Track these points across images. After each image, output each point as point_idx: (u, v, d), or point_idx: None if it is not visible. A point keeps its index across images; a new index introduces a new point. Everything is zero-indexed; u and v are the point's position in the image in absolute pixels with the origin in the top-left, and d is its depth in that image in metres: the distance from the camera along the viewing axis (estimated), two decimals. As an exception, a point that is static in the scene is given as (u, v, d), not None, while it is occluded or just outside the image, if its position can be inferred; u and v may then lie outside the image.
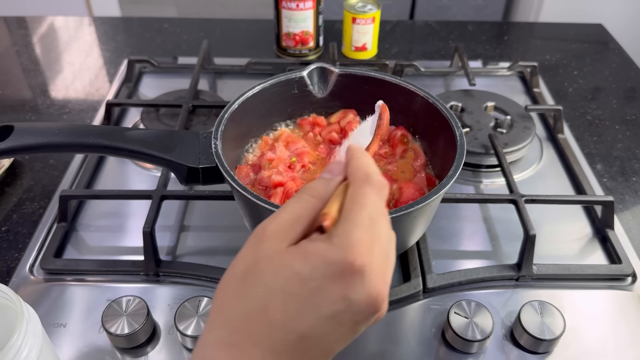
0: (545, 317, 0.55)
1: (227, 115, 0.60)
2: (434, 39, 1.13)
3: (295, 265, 0.31)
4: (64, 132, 0.56)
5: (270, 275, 0.31)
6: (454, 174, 0.53)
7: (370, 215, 0.32)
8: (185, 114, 0.82)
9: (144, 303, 0.55)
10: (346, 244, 0.30)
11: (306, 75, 0.66)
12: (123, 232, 0.69)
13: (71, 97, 0.95)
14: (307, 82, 0.67)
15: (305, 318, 0.30)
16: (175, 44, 1.09)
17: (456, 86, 0.96)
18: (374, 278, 0.31)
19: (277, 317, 0.30)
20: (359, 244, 0.31)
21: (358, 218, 0.32)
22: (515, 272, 0.62)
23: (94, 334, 0.56)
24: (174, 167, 0.57)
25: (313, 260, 0.31)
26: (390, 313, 0.58)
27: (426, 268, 0.62)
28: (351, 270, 0.30)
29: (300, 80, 0.66)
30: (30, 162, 0.80)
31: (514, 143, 0.78)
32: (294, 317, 0.30)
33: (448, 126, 0.59)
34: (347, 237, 0.31)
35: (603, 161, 0.82)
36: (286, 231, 0.32)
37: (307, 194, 0.34)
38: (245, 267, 0.32)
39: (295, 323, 0.30)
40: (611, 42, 1.13)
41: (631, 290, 0.62)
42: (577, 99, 0.96)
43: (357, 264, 0.30)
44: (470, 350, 0.54)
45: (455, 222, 0.70)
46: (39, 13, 1.36)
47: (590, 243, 0.68)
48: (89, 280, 0.62)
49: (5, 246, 0.67)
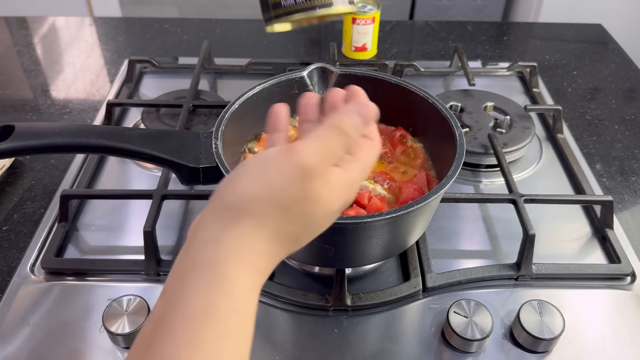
0: (544, 316, 0.55)
1: (228, 115, 0.60)
2: (434, 39, 1.13)
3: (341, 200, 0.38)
4: (65, 132, 0.56)
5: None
6: (454, 173, 0.53)
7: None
8: (186, 114, 0.82)
9: (144, 302, 0.56)
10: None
11: (306, 76, 0.67)
12: (124, 231, 0.69)
13: (72, 97, 0.95)
14: (308, 82, 0.67)
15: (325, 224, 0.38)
16: (175, 44, 1.09)
17: (456, 86, 0.96)
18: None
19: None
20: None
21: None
22: (515, 272, 0.63)
23: (95, 334, 0.56)
24: (174, 167, 0.57)
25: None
26: (389, 312, 0.59)
27: (426, 267, 0.62)
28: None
29: (301, 80, 0.67)
30: (31, 161, 0.80)
31: (514, 143, 0.79)
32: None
33: (448, 126, 0.59)
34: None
35: (602, 161, 0.82)
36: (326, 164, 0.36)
37: (340, 134, 0.37)
38: (294, 197, 0.35)
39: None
40: (610, 42, 1.13)
41: (630, 289, 0.62)
42: (576, 99, 0.96)
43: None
44: (469, 349, 0.55)
45: (455, 222, 0.71)
46: (40, 13, 1.36)
47: (590, 243, 0.69)
48: (90, 280, 0.62)
49: (7, 246, 0.67)
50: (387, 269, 0.64)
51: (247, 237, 0.34)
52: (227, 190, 0.35)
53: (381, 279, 0.63)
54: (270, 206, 0.34)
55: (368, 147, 0.40)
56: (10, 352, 0.55)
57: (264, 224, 0.34)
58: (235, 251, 0.33)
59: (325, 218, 0.37)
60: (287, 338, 0.57)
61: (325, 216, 0.37)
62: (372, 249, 0.54)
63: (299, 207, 0.35)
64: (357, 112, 0.38)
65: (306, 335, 0.57)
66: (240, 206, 0.34)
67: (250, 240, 0.34)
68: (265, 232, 0.35)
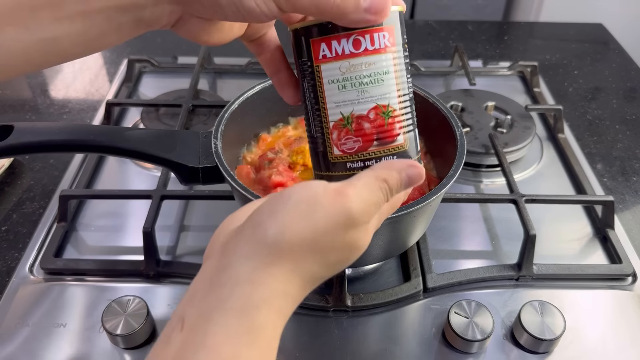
0: (545, 317, 0.55)
1: (227, 115, 0.60)
2: (434, 39, 1.13)
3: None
4: (64, 131, 0.55)
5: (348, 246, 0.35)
6: (454, 173, 0.53)
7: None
8: (185, 113, 0.82)
9: (144, 303, 0.55)
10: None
11: (306, 75, 0.66)
12: (123, 232, 0.69)
13: (71, 97, 0.95)
14: (307, 82, 0.67)
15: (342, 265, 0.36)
16: (175, 43, 1.09)
17: (456, 86, 0.96)
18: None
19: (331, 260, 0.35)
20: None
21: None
22: (516, 272, 0.62)
23: (94, 334, 0.56)
24: (174, 167, 0.57)
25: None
26: (390, 313, 0.59)
27: (426, 268, 0.62)
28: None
29: (301, 80, 0.66)
30: (30, 161, 0.80)
31: (514, 143, 0.78)
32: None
33: (448, 126, 0.59)
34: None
35: (603, 161, 0.82)
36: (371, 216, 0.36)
37: (387, 192, 0.37)
38: (333, 240, 0.34)
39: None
40: (611, 42, 1.13)
41: (631, 290, 0.62)
42: (577, 98, 0.96)
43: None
44: (470, 350, 0.54)
45: (456, 222, 0.70)
46: (39, 13, 1.36)
47: (591, 243, 0.68)
48: (89, 280, 0.62)
49: (5, 246, 0.67)
50: (387, 270, 0.64)
51: (281, 282, 0.32)
52: (269, 223, 0.33)
53: (381, 280, 0.63)
54: (311, 250, 0.33)
55: (399, 202, 0.40)
56: (9, 353, 0.55)
57: (299, 268, 0.33)
58: (268, 297, 0.32)
59: (350, 262, 0.37)
60: (287, 339, 0.57)
61: (352, 261, 0.36)
62: (373, 249, 0.54)
63: (337, 253, 0.34)
64: (407, 174, 0.37)
65: (306, 336, 0.57)
66: (281, 246, 0.32)
67: (284, 285, 0.32)
68: (298, 277, 0.33)
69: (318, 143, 0.42)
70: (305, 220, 0.33)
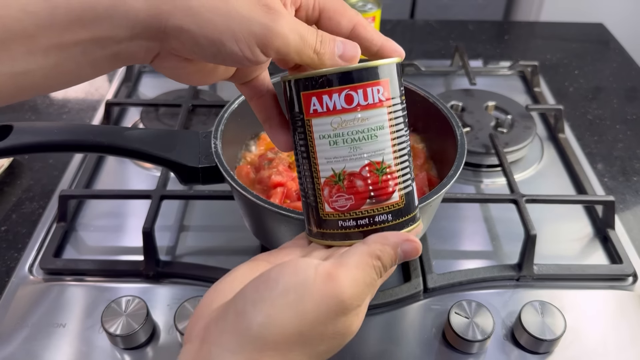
0: (545, 317, 0.55)
1: (227, 114, 0.59)
2: (435, 38, 1.13)
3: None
4: (64, 131, 0.55)
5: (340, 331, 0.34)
6: (455, 173, 0.53)
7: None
8: (185, 113, 0.82)
9: (143, 303, 0.55)
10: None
11: (306, 75, 0.66)
12: (122, 232, 0.69)
13: (70, 97, 0.95)
14: (307, 82, 0.66)
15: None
16: (175, 43, 1.09)
17: (457, 85, 0.96)
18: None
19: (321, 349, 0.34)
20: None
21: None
22: (516, 272, 0.62)
23: (94, 334, 0.56)
24: (173, 167, 0.56)
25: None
26: (390, 313, 0.58)
27: (426, 268, 0.62)
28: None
29: (300, 79, 0.66)
30: (29, 161, 0.80)
31: (515, 143, 0.78)
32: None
33: (448, 126, 0.59)
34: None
35: (604, 161, 0.82)
36: (363, 298, 0.35)
37: (380, 269, 0.36)
38: (323, 323, 0.33)
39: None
40: (612, 42, 1.13)
41: (632, 290, 0.62)
42: (577, 98, 0.96)
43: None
44: (470, 350, 0.54)
45: (456, 222, 0.70)
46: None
47: (591, 243, 0.68)
48: (89, 280, 0.62)
49: (5, 246, 0.67)
50: (387, 270, 0.64)
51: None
52: (254, 313, 0.31)
53: (381, 280, 0.63)
54: (298, 343, 0.32)
55: (391, 272, 0.39)
56: (9, 353, 0.54)
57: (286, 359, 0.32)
58: None
59: (341, 347, 0.35)
60: (287, 339, 0.57)
61: (343, 345, 0.35)
62: (373, 250, 0.54)
63: (327, 342, 0.33)
64: (402, 249, 0.36)
65: (306, 336, 0.56)
66: (265, 340, 0.31)
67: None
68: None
69: (309, 198, 0.40)
70: (293, 310, 0.31)
